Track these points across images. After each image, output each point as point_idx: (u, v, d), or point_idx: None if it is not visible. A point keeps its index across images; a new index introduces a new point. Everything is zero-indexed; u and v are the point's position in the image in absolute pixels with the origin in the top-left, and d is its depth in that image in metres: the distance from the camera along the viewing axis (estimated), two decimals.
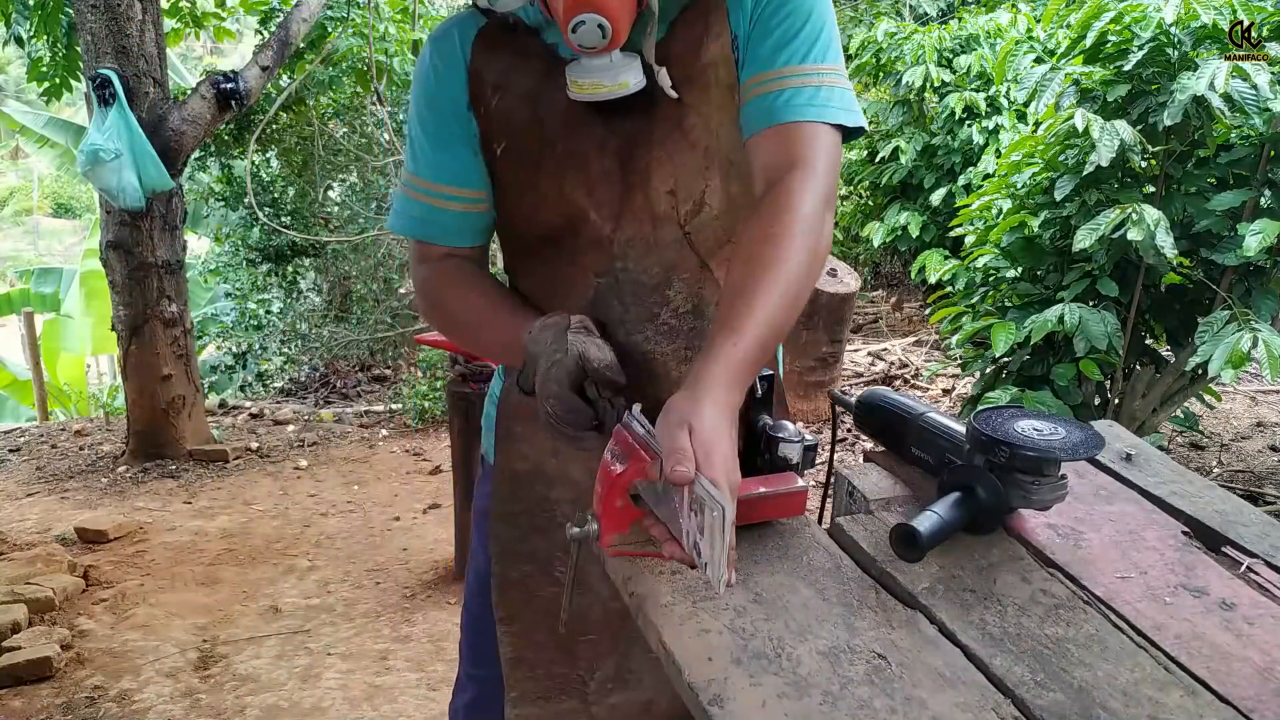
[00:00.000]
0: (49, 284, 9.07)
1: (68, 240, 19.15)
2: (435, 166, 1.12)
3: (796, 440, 1.01)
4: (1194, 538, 0.98)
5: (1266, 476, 4.15)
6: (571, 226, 1.08)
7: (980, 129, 6.04)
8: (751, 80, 1.02)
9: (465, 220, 1.15)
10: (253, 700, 2.52)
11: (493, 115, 1.08)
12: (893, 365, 5.84)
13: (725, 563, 0.73)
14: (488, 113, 1.09)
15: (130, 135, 3.98)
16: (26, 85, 11.77)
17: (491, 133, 1.09)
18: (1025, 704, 0.72)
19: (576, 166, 1.07)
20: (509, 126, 1.08)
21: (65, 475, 4.51)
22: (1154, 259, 3.01)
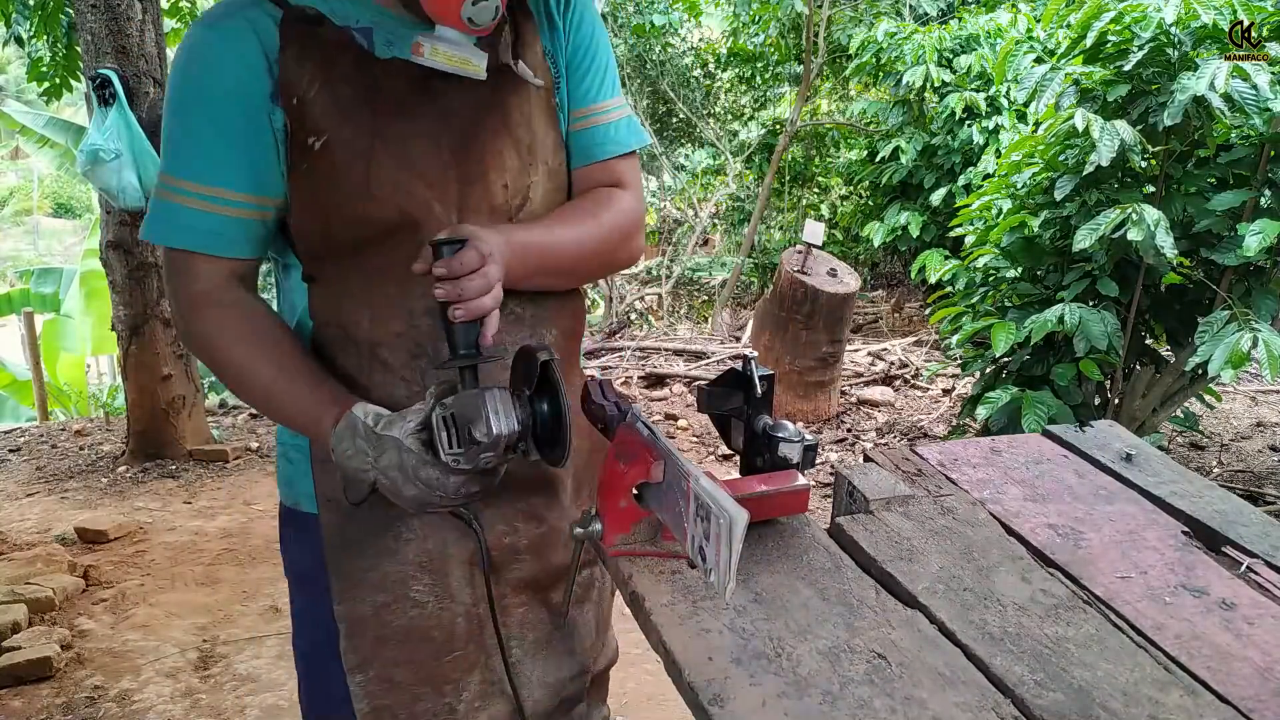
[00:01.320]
0: (49, 284, 9.06)
1: (68, 240, 19.15)
2: (221, 169, 1.00)
3: (796, 440, 1.01)
4: (1194, 538, 0.98)
5: (1266, 476, 4.15)
6: (410, 223, 1.02)
7: (980, 129, 6.05)
8: (581, 112, 1.15)
9: (250, 229, 1.03)
10: (253, 700, 2.52)
11: (310, 105, 0.98)
12: (893, 365, 5.84)
13: (732, 570, 0.72)
14: (302, 104, 0.98)
15: (130, 135, 3.98)
16: (26, 85, 11.77)
17: (309, 125, 0.98)
18: (1025, 704, 0.72)
19: (415, 160, 1.01)
20: (331, 118, 0.99)
21: (65, 475, 4.52)
22: (1154, 259, 3.01)
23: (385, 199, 1.00)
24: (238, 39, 0.98)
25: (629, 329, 7.86)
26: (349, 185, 1.00)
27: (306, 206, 1.03)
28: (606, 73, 1.16)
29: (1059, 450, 1.19)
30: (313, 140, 0.99)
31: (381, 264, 1.03)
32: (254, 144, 1.00)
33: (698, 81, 9.18)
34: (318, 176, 1.00)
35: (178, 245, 1.02)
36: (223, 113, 0.99)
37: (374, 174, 1.00)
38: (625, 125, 1.19)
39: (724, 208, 9.62)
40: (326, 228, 1.03)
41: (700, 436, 4.85)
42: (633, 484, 0.87)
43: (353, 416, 0.96)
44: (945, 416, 4.97)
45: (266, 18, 0.98)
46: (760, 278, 8.87)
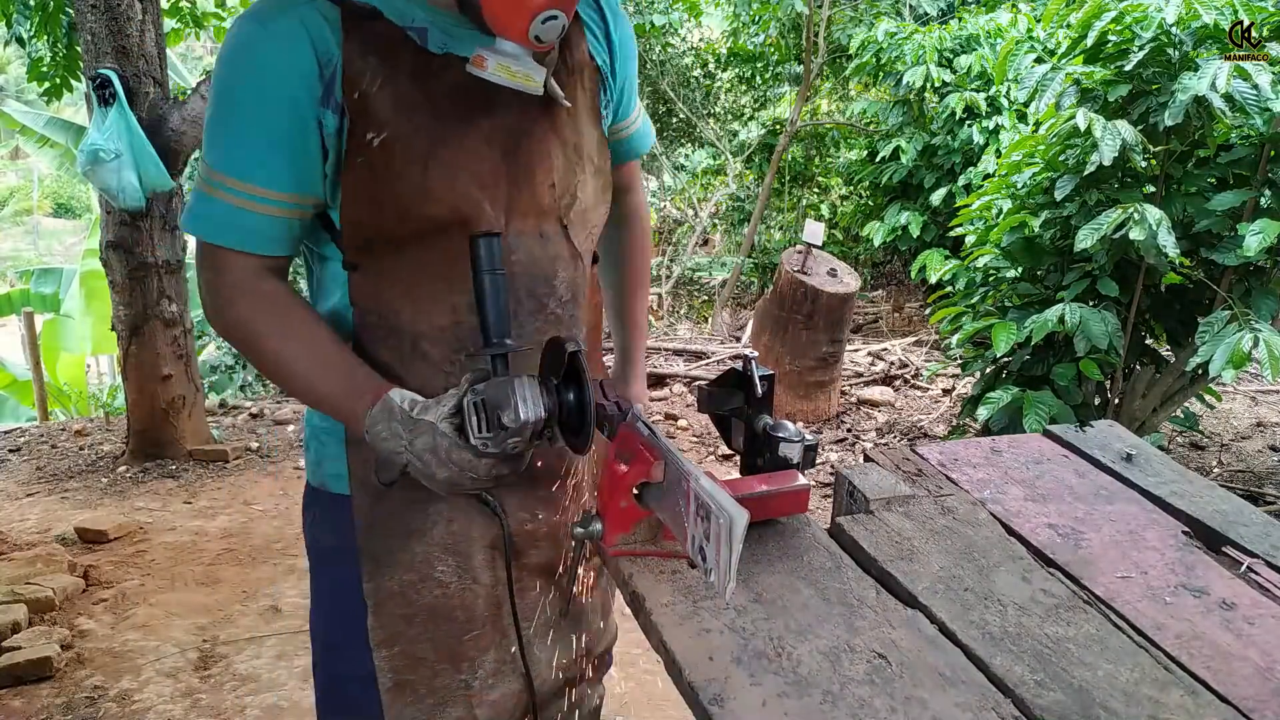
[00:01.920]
0: (49, 284, 9.06)
1: (68, 240, 19.15)
2: (264, 169, 1.00)
3: (797, 440, 1.01)
4: (1194, 538, 0.98)
5: (1266, 476, 4.15)
6: (461, 220, 1.04)
7: (980, 129, 6.05)
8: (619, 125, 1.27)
9: (288, 227, 1.05)
10: (253, 700, 2.52)
11: (371, 102, 0.99)
12: (893, 365, 5.84)
13: (732, 570, 0.72)
14: (364, 100, 0.99)
15: (130, 135, 3.98)
16: (26, 85, 11.77)
17: (369, 121, 1.00)
18: (1025, 704, 0.72)
19: (469, 161, 1.04)
20: (392, 115, 1.00)
21: (65, 475, 4.51)
22: (1155, 259, 3.01)
23: (440, 198, 1.02)
24: (289, 40, 0.98)
25: None
26: (406, 182, 1.02)
27: (359, 199, 1.03)
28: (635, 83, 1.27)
29: (1059, 450, 1.19)
30: (372, 136, 1.00)
31: (429, 258, 1.05)
32: (298, 146, 1.01)
33: (698, 81, 9.18)
34: (375, 171, 1.02)
35: (216, 241, 1.03)
36: (269, 114, 0.99)
37: (431, 173, 1.01)
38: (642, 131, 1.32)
39: (724, 208, 9.62)
40: (379, 221, 1.04)
41: (700, 436, 4.85)
42: (633, 484, 0.87)
43: (389, 400, 0.99)
44: (945, 416, 4.97)
45: (319, 16, 0.98)
46: (760, 278, 8.87)
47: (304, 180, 1.03)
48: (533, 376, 0.95)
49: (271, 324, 1.05)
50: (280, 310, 1.06)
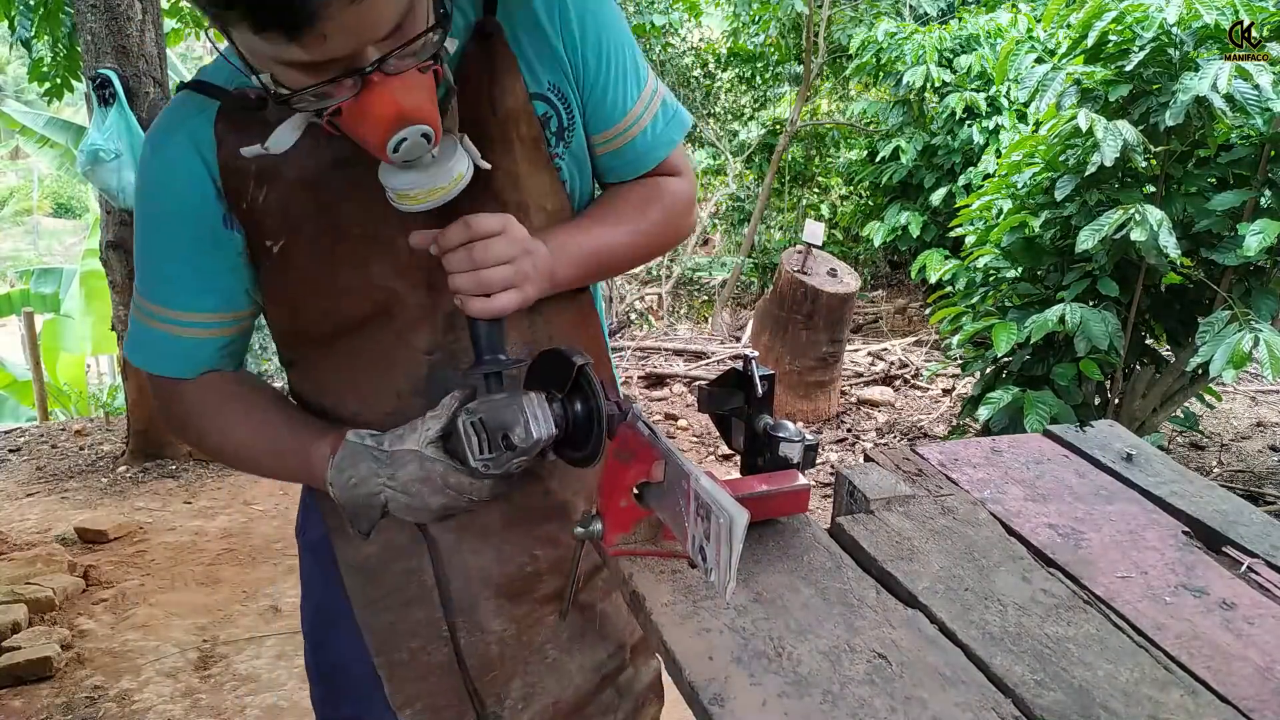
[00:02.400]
0: (49, 284, 9.07)
1: (68, 240, 19.16)
2: (188, 297, 0.98)
3: (797, 440, 1.01)
4: (1194, 538, 0.98)
5: (1266, 476, 4.15)
6: (385, 312, 0.99)
7: (980, 129, 6.05)
8: (608, 133, 1.07)
9: (228, 344, 1.03)
10: (253, 700, 2.52)
11: (261, 211, 0.94)
12: (893, 365, 5.84)
13: (732, 570, 0.72)
14: (252, 209, 0.94)
15: (130, 135, 3.98)
16: (26, 85, 11.77)
17: (264, 230, 0.95)
18: (1025, 704, 0.72)
19: (382, 250, 0.96)
20: (286, 220, 0.95)
21: (65, 475, 4.52)
22: (1156, 259, 3.01)
23: (354, 293, 0.98)
24: (182, 162, 0.94)
25: (629, 329, 7.86)
26: (315, 285, 0.98)
27: (275, 301, 1.01)
28: (627, 76, 1.05)
29: (1059, 450, 1.19)
30: (270, 244, 0.96)
31: (361, 349, 1.01)
32: (216, 267, 0.98)
33: (698, 81, 9.18)
34: (284, 276, 0.98)
35: (154, 371, 1.03)
36: (179, 241, 0.96)
37: (338, 272, 0.97)
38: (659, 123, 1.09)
39: (724, 208, 9.62)
40: (302, 322, 1.02)
41: (700, 436, 4.85)
42: (633, 484, 0.87)
43: (350, 444, 0.94)
44: (945, 416, 4.97)
45: (205, 125, 0.93)
46: (760, 278, 8.87)
47: (229, 300, 1.00)
48: (538, 393, 0.91)
49: (209, 416, 1.04)
50: (215, 406, 1.04)
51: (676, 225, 1.14)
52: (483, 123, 0.97)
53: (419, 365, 1.02)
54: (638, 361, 6.06)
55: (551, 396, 0.91)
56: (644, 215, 1.10)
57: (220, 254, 0.97)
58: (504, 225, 0.90)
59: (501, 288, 0.90)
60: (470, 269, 0.88)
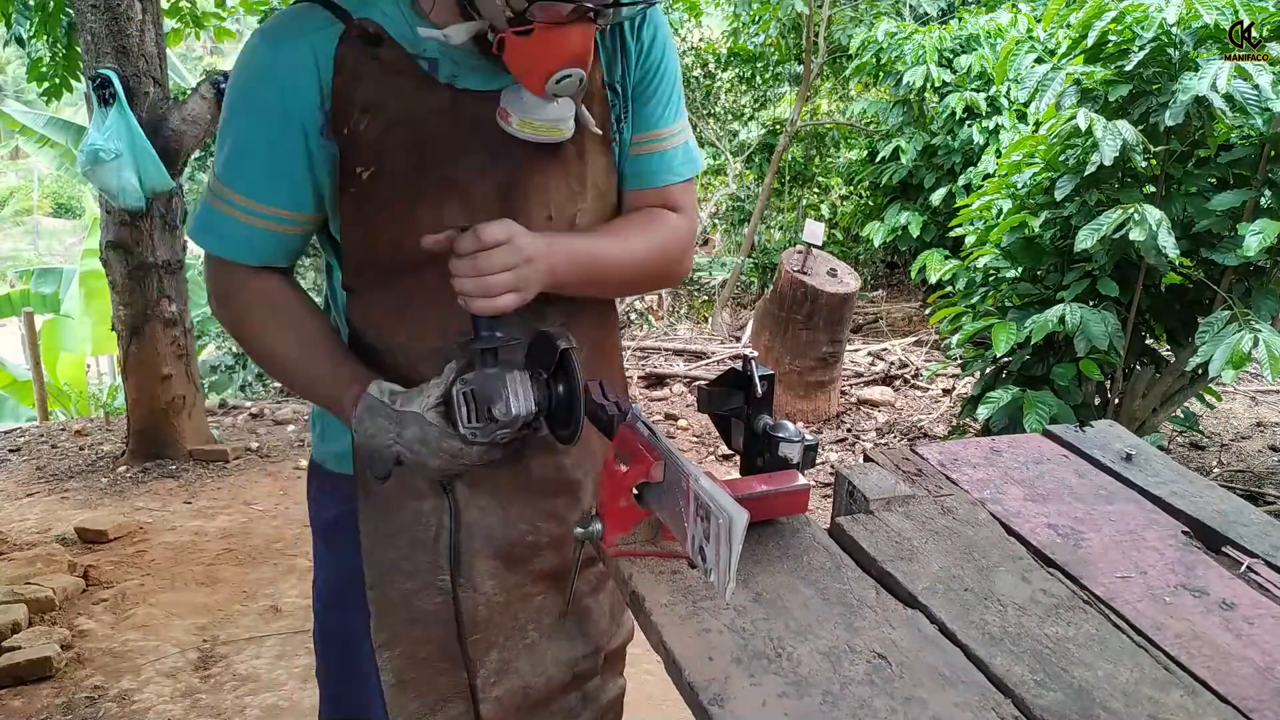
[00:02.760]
0: (49, 284, 9.06)
1: (68, 240, 19.15)
2: (265, 187, 1.04)
3: (797, 440, 1.01)
4: (1194, 538, 0.98)
5: (1266, 476, 4.15)
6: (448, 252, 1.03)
7: (980, 129, 6.05)
8: (642, 137, 1.17)
9: (288, 242, 1.09)
10: (253, 700, 2.52)
11: (360, 138, 1.01)
12: (893, 365, 5.84)
13: (732, 570, 0.72)
14: (353, 135, 1.01)
15: (130, 135, 3.98)
16: (26, 85, 11.77)
17: (357, 157, 1.01)
18: (1025, 704, 0.72)
19: (459, 195, 1.04)
20: (380, 151, 1.01)
21: (65, 475, 4.51)
22: (1155, 259, 3.01)
23: (427, 230, 1.02)
24: (297, 68, 0.99)
25: (629, 329, 7.86)
26: (393, 215, 1.03)
27: (353, 227, 1.06)
28: (672, 97, 1.18)
29: (1059, 450, 1.19)
30: (360, 170, 1.02)
31: (421, 287, 1.06)
32: (298, 168, 1.03)
33: (698, 81, 9.18)
34: (365, 202, 1.04)
35: (216, 253, 1.08)
36: (274, 134, 1.02)
37: (418, 207, 1.03)
38: (684, 151, 1.21)
39: (724, 208, 9.62)
40: (372, 250, 1.07)
41: (700, 436, 4.85)
42: (633, 484, 0.87)
43: (369, 398, 1.00)
44: (945, 416, 4.97)
45: (327, 39, 0.99)
46: (760, 278, 8.87)
47: (302, 200, 1.06)
48: (524, 371, 0.97)
49: (265, 319, 1.09)
50: (273, 306, 1.09)
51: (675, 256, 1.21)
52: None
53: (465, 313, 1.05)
54: (638, 361, 6.06)
55: (536, 375, 0.97)
56: (645, 238, 1.16)
57: (307, 158, 1.03)
58: (509, 235, 0.97)
59: (502, 291, 0.97)
60: (474, 275, 0.96)
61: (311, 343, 1.09)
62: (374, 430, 1.00)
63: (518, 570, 1.17)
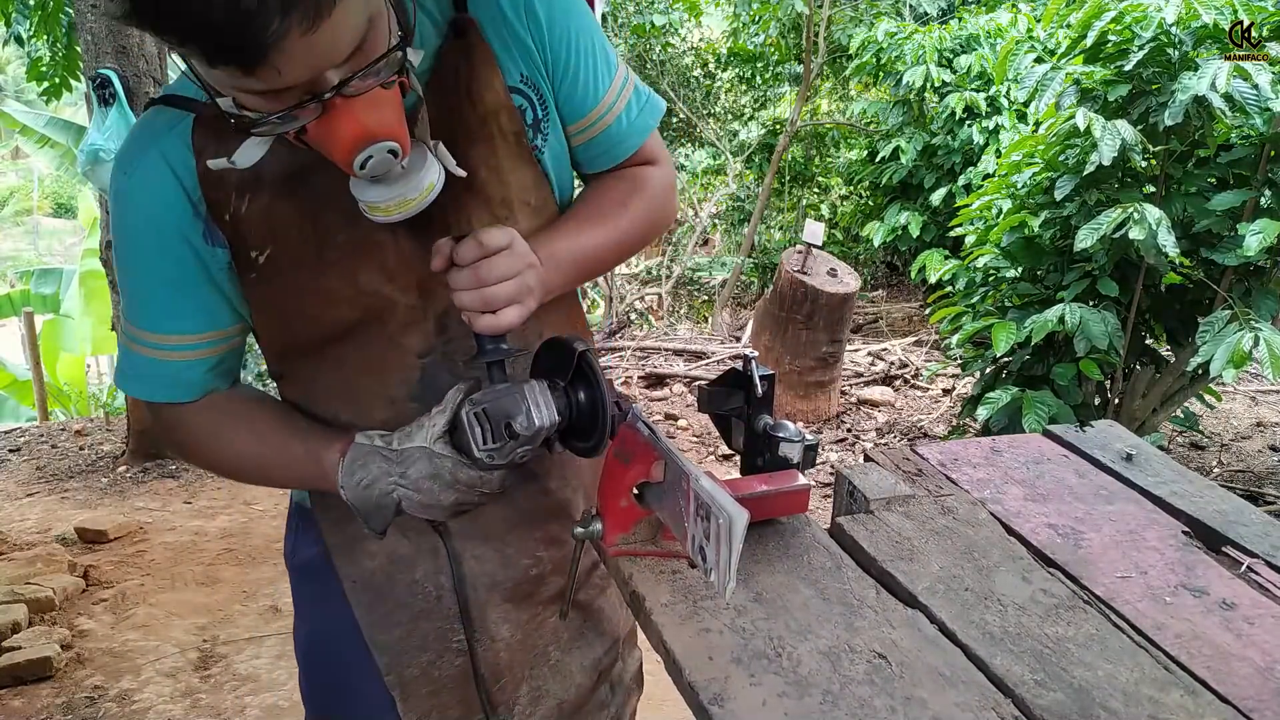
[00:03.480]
0: (49, 284, 9.07)
1: (68, 240, 19.15)
2: (172, 320, 0.97)
3: (797, 440, 1.01)
4: (1194, 538, 0.98)
5: (1266, 476, 4.15)
6: (376, 317, 0.98)
7: (980, 129, 6.05)
8: (583, 123, 1.06)
9: (221, 363, 1.02)
10: (253, 700, 2.52)
11: (244, 221, 0.93)
12: (893, 365, 5.84)
13: (732, 570, 0.72)
14: (235, 220, 0.93)
15: None
16: (26, 85, 11.76)
17: (249, 240, 0.94)
18: (1025, 704, 0.72)
19: (369, 255, 0.95)
20: (271, 228, 0.94)
21: (65, 475, 4.51)
22: (1155, 259, 3.01)
23: (343, 299, 0.97)
24: (157, 182, 0.92)
25: (629, 329, 7.86)
26: (303, 290, 0.96)
27: (263, 312, 1.00)
28: (597, 63, 1.04)
29: (1059, 450, 1.19)
30: (255, 254, 0.95)
31: (351, 356, 1.00)
32: (199, 287, 0.97)
33: (698, 81, 9.18)
34: (271, 285, 0.97)
35: (145, 398, 1.02)
36: (159, 263, 0.95)
37: (327, 277, 0.96)
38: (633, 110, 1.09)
39: (724, 208, 9.62)
40: (291, 332, 1.00)
41: (700, 436, 4.85)
42: (633, 484, 0.87)
43: (359, 446, 0.94)
44: (945, 416, 4.97)
45: (180, 136, 0.91)
46: (760, 278, 8.87)
47: (217, 318, 0.99)
48: (540, 381, 0.90)
49: (216, 437, 1.03)
50: (218, 423, 1.03)
51: (659, 215, 1.13)
52: (463, 119, 0.96)
53: (413, 369, 1.01)
54: (638, 361, 6.06)
55: (554, 384, 0.91)
56: (626, 211, 1.08)
57: (203, 272, 0.96)
58: (510, 240, 0.89)
59: (505, 303, 0.88)
60: (475, 286, 0.87)
61: (272, 431, 1.02)
62: (369, 479, 0.92)
63: (527, 605, 1.14)
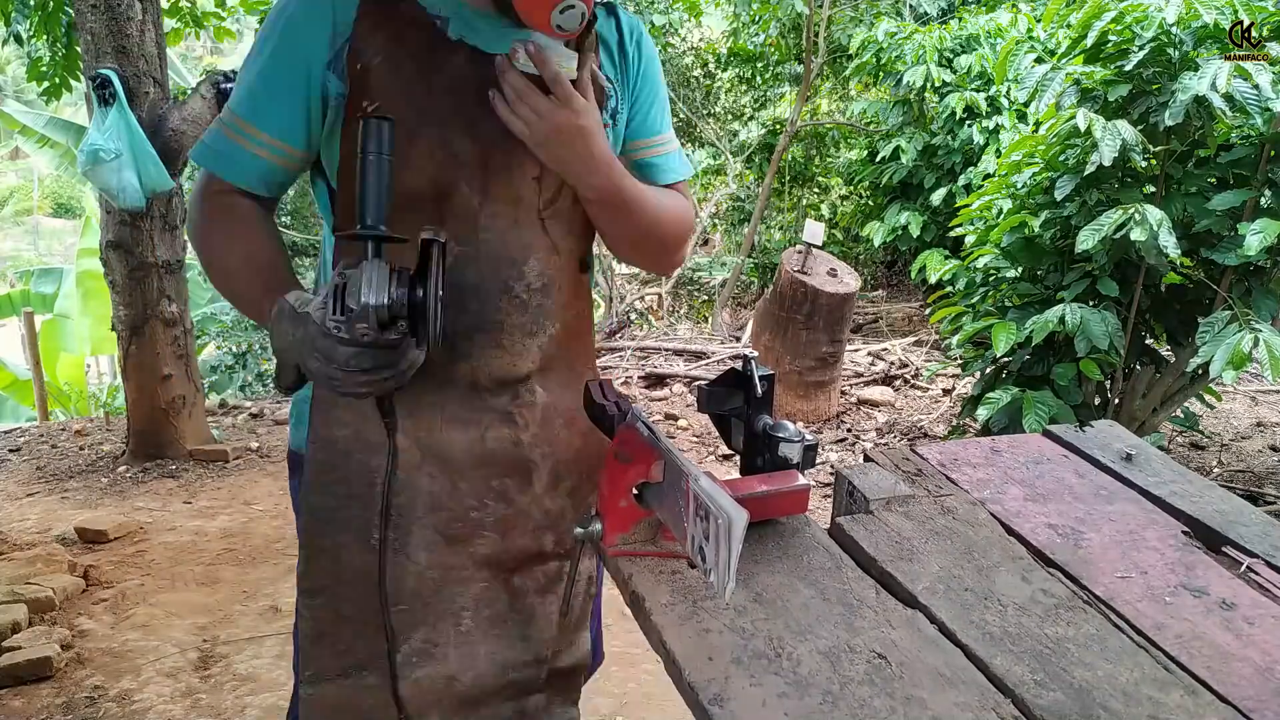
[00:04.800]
0: (49, 284, 9.07)
1: (68, 240, 19.14)
2: (262, 113, 1.10)
3: (797, 440, 1.01)
4: (1194, 538, 0.98)
5: (1266, 476, 4.15)
6: (438, 195, 1.10)
7: (980, 129, 6.05)
8: (643, 143, 1.26)
9: (272, 171, 1.13)
10: (253, 700, 2.52)
11: (371, 74, 1.07)
12: (893, 365, 5.84)
13: (732, 570, 0.72)
14: (365, 70, 1.07)
15: (130, 135, 3.98)
16: (26, 85, 11.76)
17: (365, 91, 1.07)
18: (1025, 704, 0.72)
19: (452, 140, 1.09)
20: (387, 89, 1.07)
21: (65, 475, 4.51)
22: (1156, 259, 3.01)
23: (419, 169, 1.07)
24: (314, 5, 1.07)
25: (629, 329, 7.86)
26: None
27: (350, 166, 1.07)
28: (664, 110, 1.29)
29: (1059, 450, 1.19)
30: (366, 104, 1.06)
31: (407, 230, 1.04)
32: (297, 99, 1.09)
33: (698, 81, 9.18)
34: None
35: (203, 164, 1.14)
36: (275, 63, 1.09)
37: (414, 146, 1.07)
38: (678, 157, 1.31)
39: (724, 208, 9.62)
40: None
41: (700, 436, 4.85)
42: (633, 484, 0.87)
43: (282, 302, 0.99)
44: (945, 416, 4.97)
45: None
46: (760, 278, 8.87)
47: (292, 134, 1.11)
48: (386, 263, 0.93)
49: (222, 230, 1.13)
50: (234, 220, 1.13)
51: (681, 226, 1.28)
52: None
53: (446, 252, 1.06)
54: (638, 361, 6.06)
55: (400, 271, 0.93)
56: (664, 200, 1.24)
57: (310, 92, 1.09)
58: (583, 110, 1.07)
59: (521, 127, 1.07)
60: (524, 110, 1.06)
61: (258, 260, 1.11)
62: (278, 333, 0.99)
63: (457, 549, 1.15)
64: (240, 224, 1.13)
